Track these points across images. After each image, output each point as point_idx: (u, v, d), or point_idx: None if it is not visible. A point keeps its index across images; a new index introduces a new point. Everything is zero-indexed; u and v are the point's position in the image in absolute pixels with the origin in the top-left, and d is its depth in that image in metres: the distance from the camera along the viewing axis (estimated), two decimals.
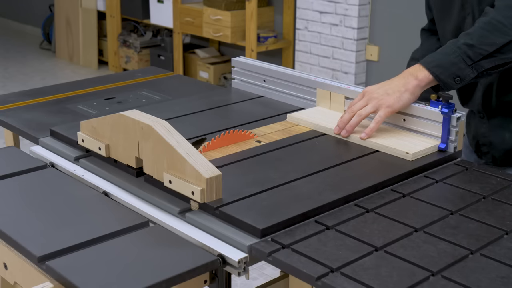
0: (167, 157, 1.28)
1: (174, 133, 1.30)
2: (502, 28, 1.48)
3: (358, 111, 1.54)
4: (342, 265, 1.07)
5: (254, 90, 1.94)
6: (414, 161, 1.46)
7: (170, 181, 1.28)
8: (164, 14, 5.43)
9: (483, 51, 1.48)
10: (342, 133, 1.57)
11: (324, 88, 1.74)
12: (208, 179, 1.23)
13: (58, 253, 1.13)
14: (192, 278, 1.11)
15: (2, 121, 1.75)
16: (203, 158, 1.26)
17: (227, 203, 1.25)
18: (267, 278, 2.89)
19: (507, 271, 1.07)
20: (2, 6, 8.06)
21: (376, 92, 1.53)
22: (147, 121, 1.32)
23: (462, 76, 1.49)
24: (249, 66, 1.94)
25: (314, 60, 4.62)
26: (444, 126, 1.50)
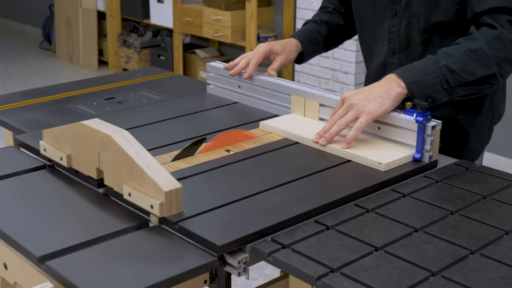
0: (126, 169, 1.24)
1: (134, 143, 1.25)
2: (486, 61, 1.47)
3: (338, 121, 1.49)
4: (342, 265, 1.07)
5: (229, 96, 1.88)
6: (387, 171, 1.40)
7: (130, 193, 1.24)
8: (164, 14, 5.44)
9: (462, 79, 1.47)
10: (321, 142, 1.51)
11: (298, 94, 1.68)
12: (167, 192, 1.18)
13: (58, 253, 1.13)
14: (192, 278, 1.10)
15: (2, 121, 1.75)
16: (164, 170, 1.22)
17: (187, 218, 1.20)
18: (267, 278, 2.89)
19: (507, 271, 1.07)
20: (2, 6, 8.06)
21: (356, 99, 1.47)
22: (107, 131, 1.27)
23: (435, 98, 1.47)
24: (224, 71, 1.86)
25: (314, 60, 4.62)
26: (418, 135, 1.44)
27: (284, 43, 1.82)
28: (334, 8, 1.89)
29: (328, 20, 1.87)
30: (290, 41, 1.83)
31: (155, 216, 1.21)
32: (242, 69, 1.79)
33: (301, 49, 1.84)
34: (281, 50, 1.80)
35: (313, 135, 1.54)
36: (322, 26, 1.87)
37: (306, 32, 1.86)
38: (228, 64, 1.84)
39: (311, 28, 1.87)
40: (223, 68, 1.85)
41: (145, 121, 1.71)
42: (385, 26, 1.68)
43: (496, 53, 1.48)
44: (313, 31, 1.86)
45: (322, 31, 1.86)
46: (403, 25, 1.64)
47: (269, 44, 1.79)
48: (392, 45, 1.67)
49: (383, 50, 1.70)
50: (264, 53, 1.77)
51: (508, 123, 3.57)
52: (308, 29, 1.87)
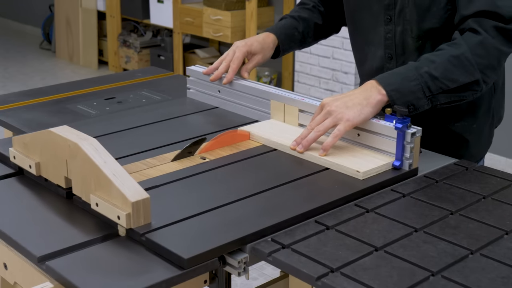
0: (94, 178, 1.20)
1: (102, 152, 1.21)
2: (469, 67, 1.44)
3: (316, 127, 1.45)
4: (342, 265, 1.07)
5: (209, 100, 1.83)
6: (365, 179, 1.36)
7: (97, 203, 1.20)
8: (164, 14, 5.44)
9: (444, 85, 1.44)
10: (298, 149, 1.47)
11: (277, 99, 1.64)
12: (134, 202, 1.14)
13: (58, 253, 1.13)
14: (192, 278, 1.10)
15: (2, 121, 1.75)
16: (131, 179, 1.18)
17: (155, 229, 1.16)
18: (267, 278, 2.89)
19: (507, 271, 1.07)
20: (2, 6, 8.06)
21: (335, 105, 1.43)
22: (74, 138, 1.24)
23: (417, 106, 1.43)
24: (204, 75, 1.81)
25: (314, 60, 4.62)
26: (398, 142, 1.39)
27: (261, 40, 1.78)
28: (313, 6, 1.86)
29: (307, 17, 1.84)
30: (267, 37, 1.80)
31: (122, 227, 1.18)
32: (222, 74, 1.76)
33: (277, 45, 1.81)
34: (259, 49, 1.77)
35: (291, 142, 1.50)
36: (300, 23, 1.83)
37: (283, 28, 1.83)
38: (208, 69, 1.80)
39: (289, 24, 1.83)
40: (202, 73, 1.81)
41: (122, 127, 1.67)
42: (380, 31, 1.66)
43: (480, 60, 1.45)
44: (291, 27, 1.83)
45: (300, 28, 1.83)
46: (398, 31, 1.62)
47: (246, 44, 1.75)
48: (389, 51, 1.65)
49: (378, 55, 1.68)
50: (243, 55, 1.74)
51: (508, 124, 3.57)
52: (286, 24, 1.83)
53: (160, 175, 1.39)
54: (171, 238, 1.14)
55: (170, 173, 1.40)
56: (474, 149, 1.69)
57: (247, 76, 1.76)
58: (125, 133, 1.64)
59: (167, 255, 1.10)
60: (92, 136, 1.53)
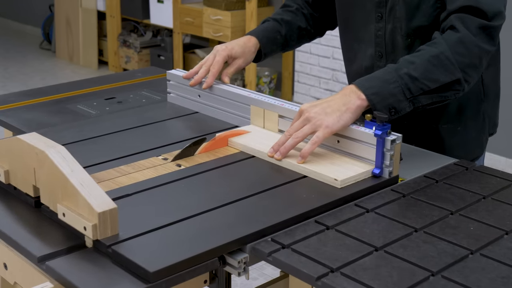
0: (61, 187, 1.16)
1: (70, 160, 1.17)
2: (449, 66, 1.41)
3: (294, 133, 1.41)
4: (342, 265, 1.07)
5: (190, 105, 1.79)
6: (343, 188, 1.32)
7: (64, 214, 1.17)
8: (164, 14, 5.44)
9: (425, 86, 1.40)
10: (276, 156, 1.43)
11: (257, 105, 1.60)
12: (100, 213, 1.10)
13: (58, 253, 1.13)
14: (192, 278, 1.10)
15: (2, 121, 1.75)
16: (99, 189, 1.14)
17: (122, 240, 1.12)
18: (267, 278, 2.89)
19: (507, 271, 1.07)
20: (2, 6, 8.07)
21: (314, 112, 1.39)
22: (42, 146, 1.19)
23: (398, 108, 1.40)
24: (184, 79, 1.78)
25: (314, 60, 4.62)
26: (378, 150, 1.35)
27: (243, 44, 1.76)
28: (297, 9, 1.83)
29: (290, 20, 1.81)
30: (249, 41, 1.77)
31: (89, 238, 1.14)
32: (202, 78, 1.73)
33: (259, 48, 1.78)
34: (240, 53, 1.74)
35: (269, 148, 1.46)
36: (283, 26, 1.80)
37: (266, 31, 1.80)
38: (188, 73, 1.77)
39: (272, 27, 1.80)
40: (182, 77, 1.78)
41: (99, 132, 1.63)
42: (371, 29, 1.64)
43: (460, 58, 1.42)
44: (273, 31, 1.80)
45: (282, 32, 1.80)
46: (389, 29, 1.61)
47: (227, 48, 1.73)
48: (379, 49, 1.64)
49: (369, 53, 1.66)
50: (223, 59, 1.71)
51: (508, 124, 3.57)
52: (268, 27, 1.80)
53: (133, 183, 1.34)
54: (138, 250, 1.10)
55: (144, 181, 1.36)
56: (458, 151, 1.66)
57: (228, 80, 1.73)
58: (102, 139, 1.60)
59: (132, 268, 1.06)
60: (67, 142, 1.52)
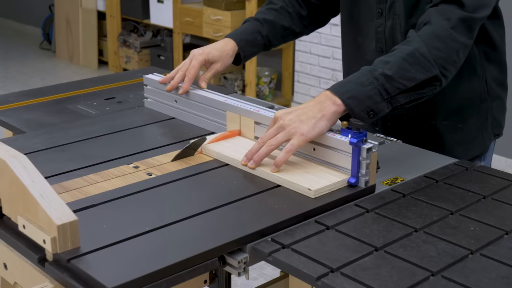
0: (22, 198, 1.12)
1: (31, 170, 1.13)
2: (425, 63, 1.38)
3: (268, 141, 1.37)
4: (342, 265, 1.07)
5: (166, 111, 1.75)
6: (316, 198, 1.28)
7: (24, 226, 1.13)
8: (164, 14, 5.44)
9: (402, 85, 1.37)
10: (249, 164, 1.39)
11: (233, 111, 1.56)
12: (60, 226, 1.06)
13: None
14: (192, 278, 1.10)
15: (2, 121, 1.75)
16: (60, 200, 1.10)
17: (83, 254, 1.08)
18: (267, 278, 2.89)
19: (507, 271, 1.07)
20: (2, 6, 8.07)
21: (288, 119, 1.35)
22: (3, 155, 1.15)
23: (377, 110, 1.37)
24: (160, 84, 1.75)
25: (314, 60, 4.62)
26: (353, 158, 1.31)
27: (220, 48, 1.72)
28: (281, 7, 1.79)
29: (273, 19, 1.78)
30: (227, 44, 1.73)
31: (49, 252, 1.10)
32: (178, 84, 1.70)
33: (237, 51, 1.74)
34: (217, 57, 1.70)
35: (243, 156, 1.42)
36: (264, 26, 1.77)
37: (244, 33, 1.76)
38: (164, 78, 1.74)
39: (251, 28, 1.77)
40: (158, 82, 1.75)
41: (69, 140, 1.58)
42: (373, 25, 1.65)
43: (437, 53, 1.39)
44: (253, 32, 1.76)
45: (263, 32, 1.77)
46: (388, 25, 1.61)
47: (204, 53, 1.69)
48: (379, 44, 1.64)
49: (371, 48, 1.67)
50: (200, 64, 1.69)
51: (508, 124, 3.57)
52: (248, 29, 1.77)
53: (100, 193, 1.30)
54: (99, 264, 1.06)
55: (111, 190, 1.31)
56: (458, 148, 1.66)
57: (205, 86, 1.70)
58: (74, 146, 1.56)
59: (91, 283, 1.02)
60: (37, 149, 1.50)
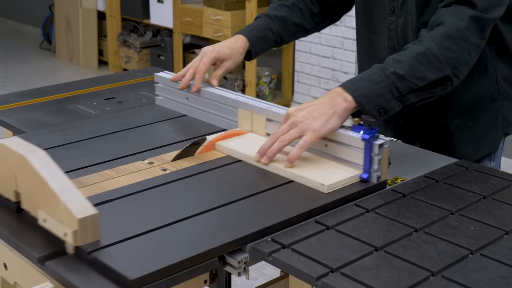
0: (42, 193, 1.15)
1: (50, 165, 1.15)
2: (436, 63, 1.39)
3: (281, 137, 1.39)
4: (342, 265, 1.07)
5: (178, 108, 1.77)
6: (330, 193, 1.30)
7: (45, 219, 1.15)
8: (164, 14, 5.44)
9: (413, 84, 1.39)
10: (262, 160, 1.41)
11: (245, 108, 1.58)
12: (80, 219, 1.09)
13: (58, 253, 1.13)
14: (192, 278, 1.10)
15: (2, 121, 1.75)
16: (80, 194, 1.12)
17: (103, 247, 1.10)
18: (267, 278, 2.89)
19: (507, 271, 1.07)
20: (2, 6, 8.06)
21: (301, 115, 1.37)
22: (22, 151, 1.17)
23: (387, 108, 1.38)
24: (172, 82, 1.77)
25: (314, 60, 4.62)
26: (366, 154, 1.33)
27: (230, 45, 1.73)
28: (293, 3, 1.80)
29: (284, 16, 1.78)
30: (237, 41, 1.75)
31: (69, 244, 1.12)
32: (189, 81, 1.72)
33: (248, 48, 1.76)
34: (228, 55, 1.72)
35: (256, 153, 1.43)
36: (275, 22, 1.77)
37: (256, 30, 1.77)
38: (175, 76, 1.76)
39: (262, 25, 1.77)
40: (170, 80, 1.77)
41: (84, 136, 1.61)
42: (386, 22, 1.66)
43: (449, 53, 1.40)
44: (264, 28, 1.77)
45: (274, 28, 1.77)
46: (400, 23, 1.62)
47: (215, 50, 1.71)
48: (392, 42, 1.66)
49: (384, 45, 1.68)
50: (210, 61, 1.70)
51: None
52: (259, 25, 1.78)
53: (117, 188, 1.32)
54: (120, 257, 1.08)
55: (128, 185, 1.34)
56: (468, 147, 1.66)
57: (216, 83, 1.71)
58: (88, 142, 1.58)
59: (112, 275, 1.05)
60: (52, 146, 1.52)
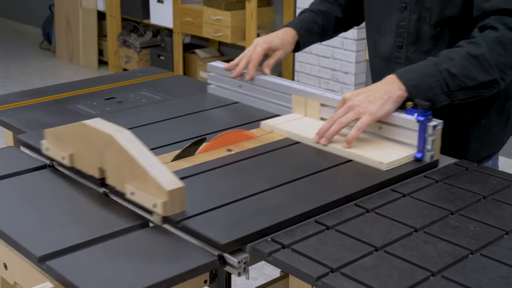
0: (129, 168, 1.24)
1: (136, 143, 1.26)
2: (487, 67, 1.46)
3: (338, 119, 1.49)
4: (342, 265, 1.08)
5: (230, 96, 1.88)
6: (388, 171, 1.41)
7: (133, 193, 1.25)
8: (164, 14, 5.44)
9: (463, 83, 1.47)
10: (322, 141, 1.51)
11: (299, 94, 1.69)
12: (170, 191, 1.19)
13: (58, 253, 1.13)
14: (192, 278, 1.11)
15: (2, 121, 1.75)
16: (166, 169, 1.22)
17: (190, 216, 1.21)
18: (267, 278, 2.89)
19: (507, 271, 1.07)
20: (2, 6, 8.06)
21: (358, 100, 1.48)
22: (108, 130, 1.28)
23: (435, 101, 1.47)
24: (224, 71, 1.87)
25: (314, 60, 4.62)
26: (420, 135, 1.44)
27: (281, 36, 1.81)
28: None
29: (327, 11, 1.87)
30: (287, 32, 1.83)
31: (158, 215, 1.22)
32: (243, 70, 1.81)
33: (297, 39, 1.84)
34: (279, 45, 1.80)
35: (314, 135, 1.53)
36: (320, 16, 1.86)
37: (303, 22, 1.86)
38: (228, 65, 1.85)
39: (308, 18, 1.86)
40: (223, 69, 1.86)
41: (145, 121, 1.71)
42: (393, 20, 1.68)
43: (499, 58, 1.47)
44: (310, 21, 1.85)
45: (319, 22, 1.86)
46: (413, 19, 1.64)
47: (267, 41, 1.79)
48: (400, 39, 1.68)
49: (389, 44, 1.70)
50: (263, 51, 1.78)
51: None
52: (305, 18, 1.86)
53: (188, 167, 1.43)
54: (206, 225, 1.18)
55: (198, 164, 1.45)
56: (477, 144, 1.69)
57: (269, 72, 1.80)
58: (148, 128, 1.68)
59: (203, 241, 1.15)
60: None
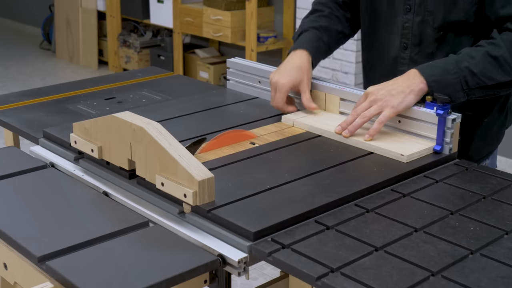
0: (159, 160, 1.28)
1: (166, 135, 1.29)
2: (506, 67, 1.51)
3: (362, 113, 1.53)
4: (342, 265, 1.08)
5: (249, 91, 1.92)
6: (409, 163, 1.45)
7: (163, 183, 1.28)
8: (164, 14, 5.43)
9: (482, 82, 1.51)
10: (344, 133, 1.55)
11: (319, 89, 1.73)
12: (200, 181, 1.22)
13: (58, 253, 1.13)
14: (192, 278, 1.11)
15: (2, 121, 1.75)
16: (196, 160, 1.25)
17: (220, 206, 1.24)
18: (267, 278, 2.89)
19: (507, 271, 1.07)
20: (2, 6, 8.06)
21: (380, 93, 1.52)
22: (139, 123, 1.31)
23: (454, 98, 1.51)
24: (244, 67, 1.92)
25: None
26: (439, 128, 1.49)
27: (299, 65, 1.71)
28: (330, 13, 1.85)
29: (327, 26, 1.83)
30: (302, 57, 1.73)
31: (188, 204, 1.25)
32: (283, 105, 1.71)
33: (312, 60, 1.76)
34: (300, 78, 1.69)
35: (334, 128, 1.58)
36: (323, 33, 1.81)
37: (311, 41, 1.78)
38: None
39: (314, 37, 1.80)
40: (242, 64, 1.91)
41: (167, 116, 1.74)
42: (399, 21, 1.69)
43: None
44: (317, 39, 1.80)
45: (324, 39, 1.81)
46: (417, 21, 1.65)
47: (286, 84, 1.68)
48: (405, 40, 1.69)
49: (396, 45, 1.71)
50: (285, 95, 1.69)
51: None
52: (312, 38, 1.79)
53: (215, 159, 1.47)
54: (235, 214, 1.22)
55: (224, 157, 1.49)
56: (479, 143, 1.72)
57: (314, 105, 1.69)
58: (172, 121, 1.71)
59: (234, 229, 1.18)
60: None
